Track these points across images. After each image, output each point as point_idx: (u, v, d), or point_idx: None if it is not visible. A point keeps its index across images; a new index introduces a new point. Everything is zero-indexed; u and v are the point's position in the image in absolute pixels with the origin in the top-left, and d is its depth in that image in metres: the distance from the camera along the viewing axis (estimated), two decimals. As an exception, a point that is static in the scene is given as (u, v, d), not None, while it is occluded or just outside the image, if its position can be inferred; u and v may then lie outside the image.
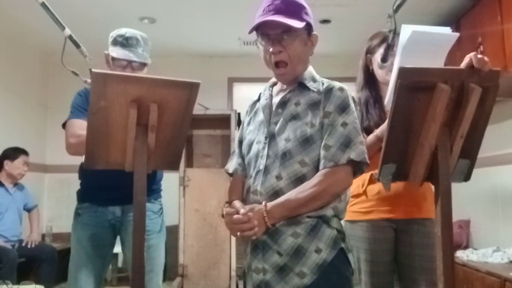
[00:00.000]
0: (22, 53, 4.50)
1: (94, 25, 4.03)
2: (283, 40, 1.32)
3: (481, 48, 3.16)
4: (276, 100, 1.41)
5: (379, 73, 1.77)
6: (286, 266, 1.26)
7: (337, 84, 1.37)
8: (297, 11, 1.33)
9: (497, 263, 3.03)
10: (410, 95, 1.26)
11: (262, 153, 1.35)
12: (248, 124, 1.50)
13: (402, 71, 1.25)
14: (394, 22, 1.60)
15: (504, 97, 3.28)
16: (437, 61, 1.56)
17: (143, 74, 1.84)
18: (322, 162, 1.29)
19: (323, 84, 1.38)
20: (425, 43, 1.52)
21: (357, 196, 1.78)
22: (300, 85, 1.38)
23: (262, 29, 1.34)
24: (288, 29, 1.30)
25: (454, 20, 3.71)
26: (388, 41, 1.67)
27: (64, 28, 1.87)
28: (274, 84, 1.50)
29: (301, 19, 1.32)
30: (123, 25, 1.99)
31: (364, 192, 1.76)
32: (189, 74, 1.49)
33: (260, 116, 1.43)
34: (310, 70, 1.43)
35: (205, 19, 4.09)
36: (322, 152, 1.29)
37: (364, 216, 1.74)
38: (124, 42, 1.85)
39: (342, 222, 1.39)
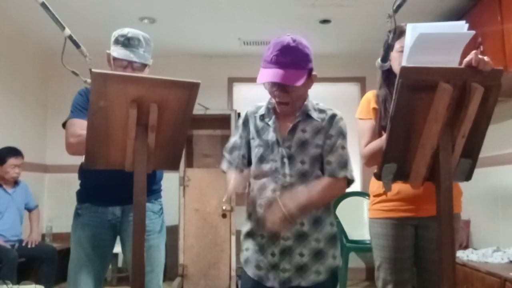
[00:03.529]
0: (22, 53, 4.49)
1: (94, 25, 4.02)
2: (287, 87, 1.46)
3: (481, 48, 3.15)
4: (285, 125, 1.55)
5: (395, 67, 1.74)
6: (306, 266, 1.49)
7: (338, 113, 1.58)
8: (301, 62, 1.45)
9: (497, 263, 3.02)
10: (411, 95, 1.26)
11: (282, 171, 1.52)
12: (253, 136, 1.60)
13: (404, 71, 1.25)
14: (394, 22, 1.59)
15: (504, 97, 3.27)
16: (452, 57, 1.50)
17: (144, 75, 1.84)
18: (326, 173, 1.53)
19: (326, 114, 1.56)
20: (435, 42, 1.47)
21: (378, 195, 1.82)
22: (306, 116, 1.54)
23: None
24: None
25: (454, 20, 3.69)
26: (388, 41, 1.66)
27: (64, 28, 1.87)
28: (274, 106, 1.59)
29: (304, 68, 1.45)
30: (123, 25, 1.98)
31: (384, 192, 1.77)
32: (189, 74, 1.49)
33: (270, 135, 1.55)
34: (311, 99, 1.58)
35: (205, 19, 4.08)
36: (326, 166, 1.53)
37: (384, 214, 1.77)
38: (126, 42, 1.84)
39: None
